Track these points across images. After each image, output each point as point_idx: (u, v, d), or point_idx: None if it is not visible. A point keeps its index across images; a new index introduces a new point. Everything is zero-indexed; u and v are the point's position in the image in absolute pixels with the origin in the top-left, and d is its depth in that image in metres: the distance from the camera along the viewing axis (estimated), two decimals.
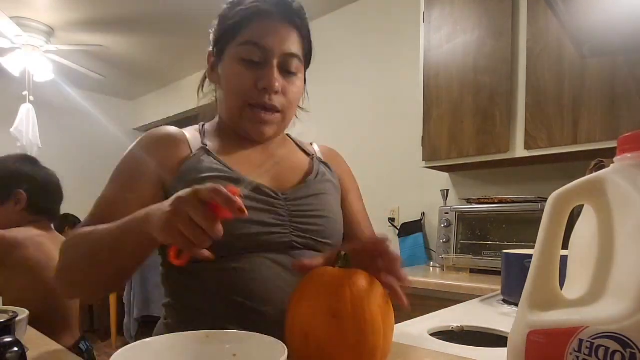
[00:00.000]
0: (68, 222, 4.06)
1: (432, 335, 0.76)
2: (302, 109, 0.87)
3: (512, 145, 1.77)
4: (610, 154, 0.37)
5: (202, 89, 0.86)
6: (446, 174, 2.29)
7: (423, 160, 2.07)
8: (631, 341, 0.29)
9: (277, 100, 0.73)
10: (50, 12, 2.97)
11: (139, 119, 4.97)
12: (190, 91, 4.23)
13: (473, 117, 1.88)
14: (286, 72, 0.73)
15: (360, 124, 2.71)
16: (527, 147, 1.72)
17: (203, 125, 0.82)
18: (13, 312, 0.68)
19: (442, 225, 1.97)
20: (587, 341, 0.31)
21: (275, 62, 0.71)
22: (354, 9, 2.77)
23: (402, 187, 2.45)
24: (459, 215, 1.95)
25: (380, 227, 2.50)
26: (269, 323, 0.62)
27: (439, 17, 2.00)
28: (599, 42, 1.04)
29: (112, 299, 3.93)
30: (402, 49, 2.51)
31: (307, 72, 0.82)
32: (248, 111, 0.73)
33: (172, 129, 0.77)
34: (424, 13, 2.06)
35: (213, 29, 0.78)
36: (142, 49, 3.59)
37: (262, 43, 0.70)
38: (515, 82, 1.77)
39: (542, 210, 0.37)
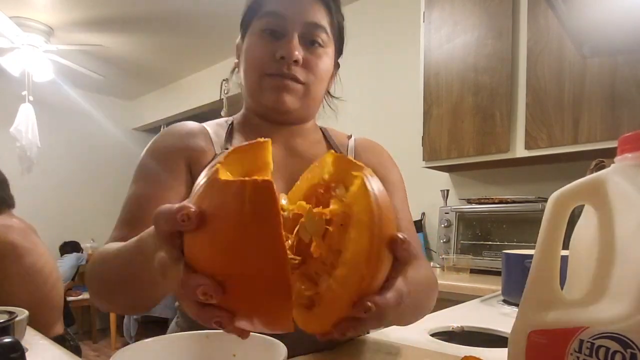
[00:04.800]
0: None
1: (432, 335, 0.76)
2: (333, 96, 0.82)
3: (512, 145, 1.77)
4: (610, 154, 0.37)
5: (231, 78, 0.80)
6: (446, 174, 2.29)
7: (423, 160, 2.07)
8: (631, 341, 0.29)
9: (299, 72, 0.67)
10: (49, 11, 2.97)
11: (138, 119, 4.97)
12: (190, 91, 4.24)
13: (473, 117, 1.88)
14: (310, 43, 0.68)
15: (360, 124, 2.71)
16: (528, 147, 1.72)
17: (231, 123, 0.76)
18: (12, 312, 0.68)
19: (442, 226, 1.97)
20: (588, 341, 0.31)
21: (296, 32, 0.66)
22: (354, 9, 2.77)
23: None
24: (459, 215, 1.95)
25: None
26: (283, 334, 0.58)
27: (439, 17, 2.00)
28: (599, 42, 1.04)
29: None
30: (402, 49, 2.51)
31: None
32: (267, 80, 0.68)
33: (194, 124, 0.73)
34: (424, 13, 2.06)
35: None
36: (142, 49, 3.59)
37: (281, 11, 0.66)
38: (516, 82, 1.77)
39: (543, 211, 0.37)
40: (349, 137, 0.84)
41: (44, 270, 1.44)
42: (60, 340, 1.49)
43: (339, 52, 0.77)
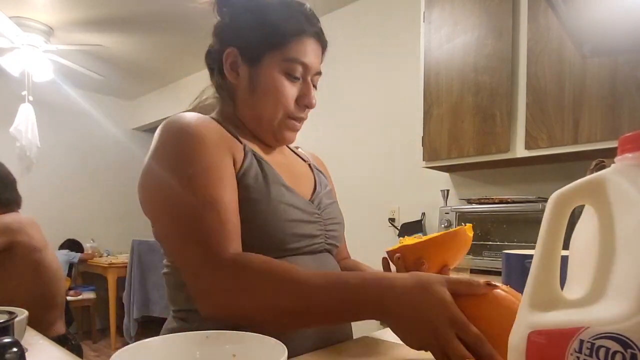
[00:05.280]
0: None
1: None
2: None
3: (512, 145, 1.77)
4: (611, 153, 0.37)
5: (215, 84, 0.82)
6: (446, 174, 2.29)
7: (423, 160, 2.07)
8: (632, 341, 0.28)
9: (307, 113, 0.79)
10: (49, 11, 2.97)
11: (138, 119, 4.97)
12: (189, 91, 4.23)
13: (473, 117, 1.88)
14: (313, 86, 0.78)
15: (360, 124, 2.71)
16: (528, 147, 1.72)
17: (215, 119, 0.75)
18: (12, 312, 0.67)
19: (443, 226, 1.97)
20: (588, 342, 0.31)
21: (310, 79, 0.76)
22: (354, 9, 2.77)
23: (402, 187, 2.45)
24: (459, 216, 1.95)
25: (380, 227, 2.50)
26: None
27: (439, 17, 2.00)
28: (599, 41, 1.04)
29: (112, 299, 3.93)
30: (402, 49, 2.51)
31: None
32: (287, 121, 0.76)
33: (206, 117, 0.72)
34: (424, 13, 2.06)
35: (238, 28, 0.74)
36: (141, 49, 3.59)
37: (306, 62, 0.74)
38: (516, 82, 1.77)
39: (543, 211, 0.37)
40: (297, 148, 0.95)
41: (51, 266, 1.47)
42: (63, 339, 1.50)
43: None
